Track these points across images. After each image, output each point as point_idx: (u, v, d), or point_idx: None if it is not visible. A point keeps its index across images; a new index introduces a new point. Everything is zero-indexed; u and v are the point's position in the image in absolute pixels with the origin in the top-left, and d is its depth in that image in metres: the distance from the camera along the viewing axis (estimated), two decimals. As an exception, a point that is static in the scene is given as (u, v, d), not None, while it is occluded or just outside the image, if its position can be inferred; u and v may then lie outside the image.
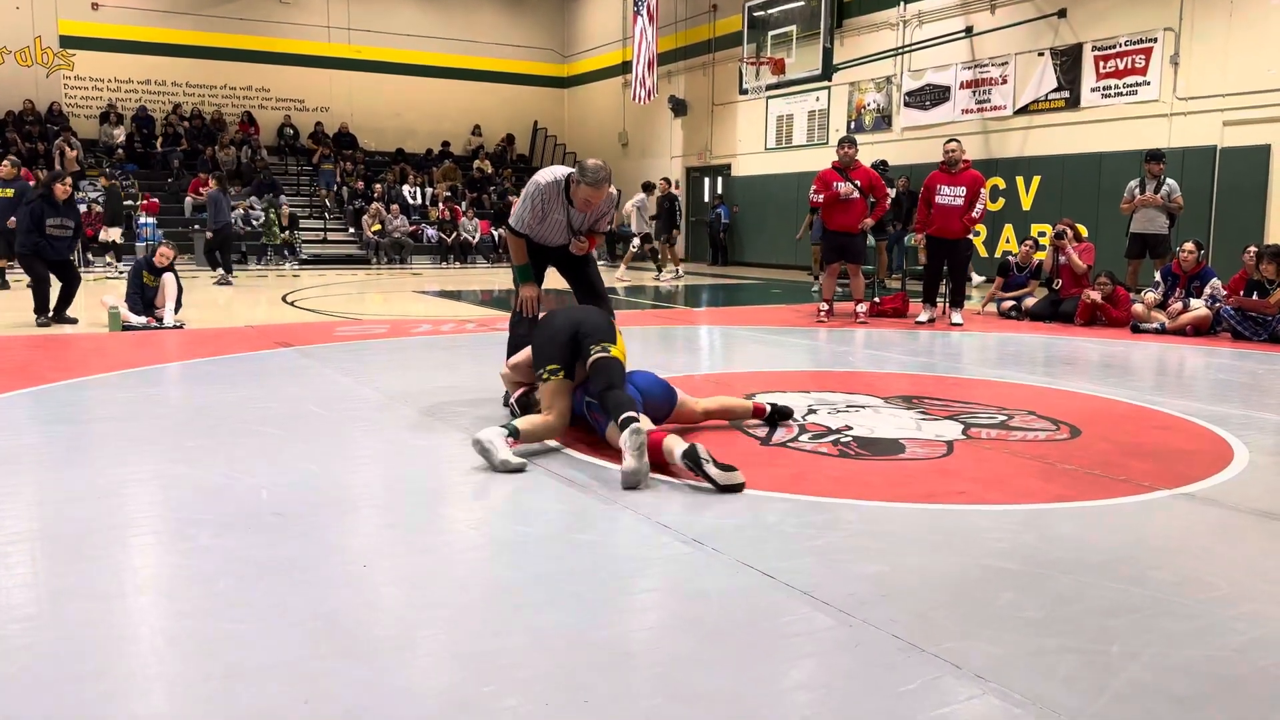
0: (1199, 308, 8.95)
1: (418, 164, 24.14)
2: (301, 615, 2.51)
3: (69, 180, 9.32)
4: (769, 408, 4.79)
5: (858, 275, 10.08)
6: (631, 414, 3.84)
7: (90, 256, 16.96)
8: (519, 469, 3.88)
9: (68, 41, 21.89)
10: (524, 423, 4.14)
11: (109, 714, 2.03)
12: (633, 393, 4.21)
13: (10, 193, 11.09)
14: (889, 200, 10.00)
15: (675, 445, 3.78)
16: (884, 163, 15.50)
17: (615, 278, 15.64)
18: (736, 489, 3.63)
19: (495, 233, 21.67)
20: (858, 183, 9.63)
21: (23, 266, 9.16)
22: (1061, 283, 10.10)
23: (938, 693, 2.13)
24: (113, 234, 17.01)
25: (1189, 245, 9.27)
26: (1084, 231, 10.96)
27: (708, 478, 3.64)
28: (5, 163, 11.51)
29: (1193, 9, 12.99)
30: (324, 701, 2.07)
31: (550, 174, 5.15)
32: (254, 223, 19.83)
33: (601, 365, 4.15)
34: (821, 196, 9.74)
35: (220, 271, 14.67)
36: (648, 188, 17.43)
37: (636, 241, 16.98)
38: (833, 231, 9.80)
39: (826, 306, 9.92)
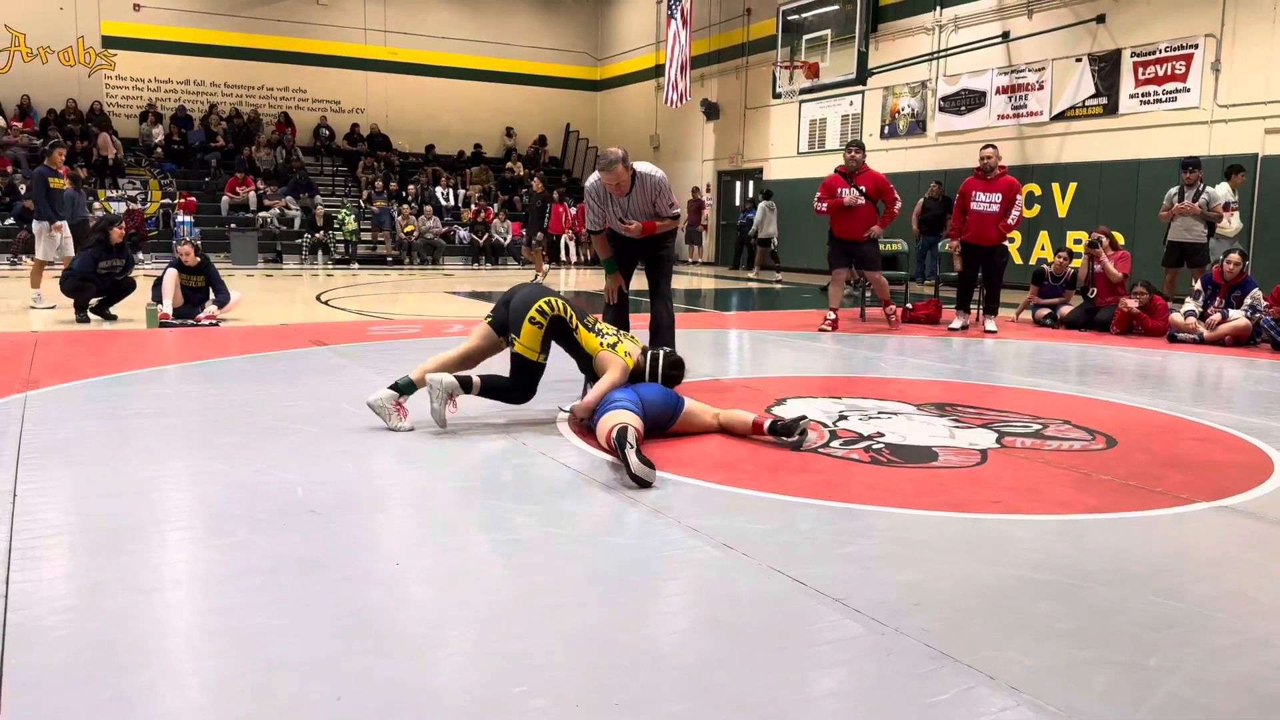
0: (1238, 318, 8.82)
1: (450, 166, 24.29)
2: (335, 612, 2.53)
3: (124, 224, 9.53)
4: (768, 424, 4.47)
5: (880, 280, 9.69)
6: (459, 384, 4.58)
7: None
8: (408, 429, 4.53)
9: (110, 42, 22.25)
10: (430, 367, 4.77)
11: (147, 706, 2.06)
12: (631, 398, 4.37)
13: (63, 183, 11.09)
14: (898, 206, 9.58)
15: (618, 425, 3.95)
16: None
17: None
18: (641, 484, 3.69)
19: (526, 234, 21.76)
20: (863, 188, 9.25)
21: (67, 293, 9.22)
22: (1097, 291, 9.99)
23: (971, 703, 2.11)
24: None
25: (1234, 255, 9.11)
26: (1120, 239, 10.84)
27: (625, 461, 3.73)
28: (59, 153, 11.32)
29: (1235, 15, 12.81)
30: (357, 698, 2.09)
31: (594, 176, 5.79)
32: (289, 223, 20.03)
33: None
34: (825, 205, 9.40)
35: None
36: (768, 194, 18.17)
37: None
38: (839, 239, 9.45)
39: (833, 316, 9.51)
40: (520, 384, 4.78)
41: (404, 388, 4.67)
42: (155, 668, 2.24)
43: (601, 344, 4.75)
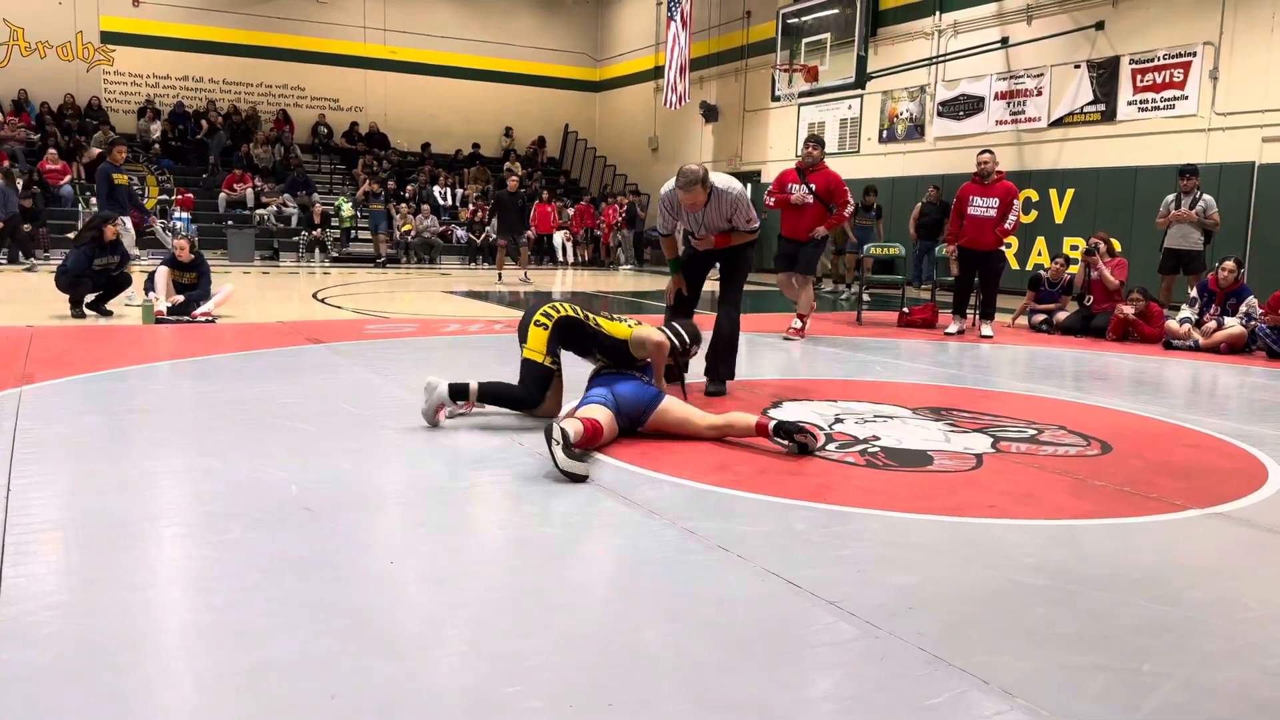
0: (1234, 325, 8.84)
1: (448, 165, 24.28)
2: (330, 611, 2.53)
3: (118, 222, 9.54)
4: (772, 424, 4.39)
5: (805, 287, 9.01)
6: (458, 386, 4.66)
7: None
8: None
9: (108, 37, 22.20)
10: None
11: (141, 704, 2.05)
12: (605, 395, 4.49)
13: (126, 179, 11.03)
14: (849, 210, 9.18)
15: (566, 421, 4.04)
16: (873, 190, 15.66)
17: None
18: (573, 478, 3.74)
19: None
20: (812, 186, 8.80)
21: (62, 289, 9.19)
22: (1093, 298, 10.01)
23: (965, 707, 2.12)
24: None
25: (1229, 263, 9.14)
26: (1117, 246, 10.86)
27: (551, 456, 3.79)
28: (120, 150, 11.16)
29: (1234, 24, 12.84)
30: (351, 697, 2.08)
31: (670, 183, 5.79)
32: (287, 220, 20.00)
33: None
34: (774, 200, 8.99)
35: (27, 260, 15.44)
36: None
37: None
38: (782, 238, 8.99)
39: (799, 325, 8.95)
40: (528, 390, 4.78)
41: (457, 393, 4.74)
42: (149, 665, 2.24)
43: (630, 326, 4.83)
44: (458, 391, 4.70)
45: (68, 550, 2.95)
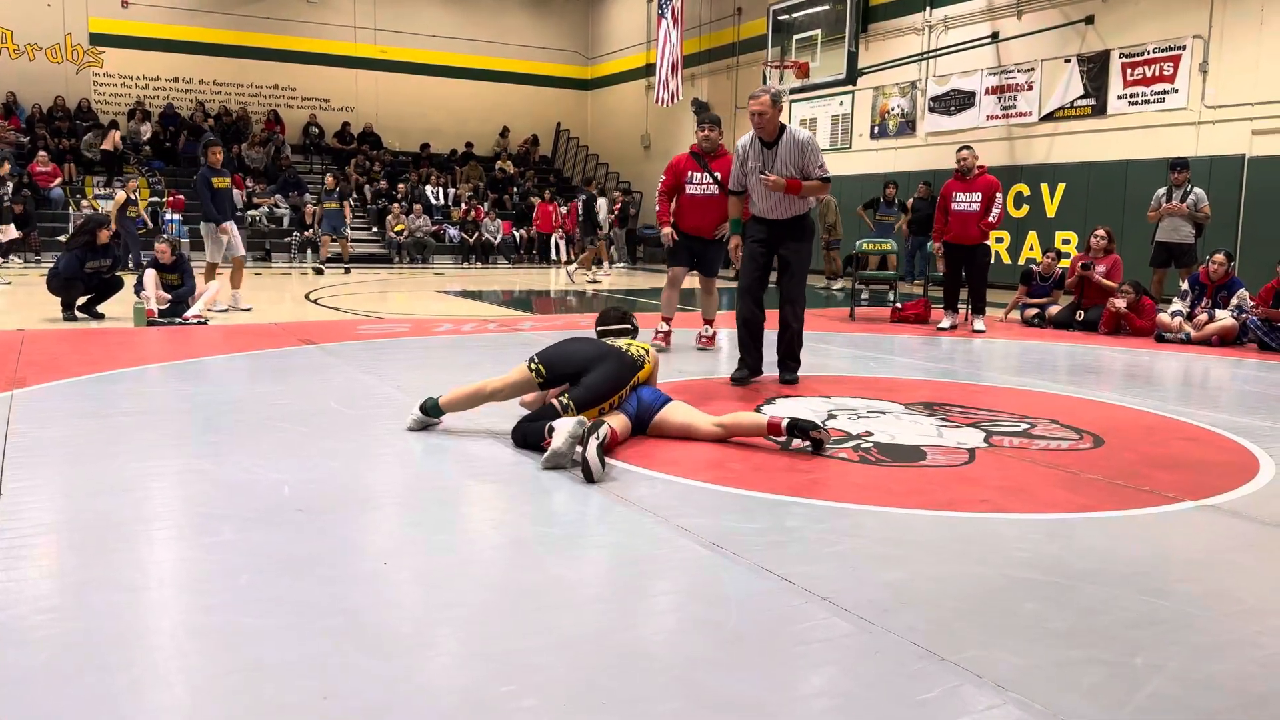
0: (1225, 318, 8.86)
1: (441, 164, 24.25)
2: (323, 611, 2.52)
3: (112, 226, 9.33)
4: (785, 422, 4.32)
5: (711, 292, 7.95)
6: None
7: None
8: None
9: (98, 39, 22.13)
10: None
11: (132, 706, 2.05)
12: (632, 400, 4.51)
13: (226, 182, 10.45)
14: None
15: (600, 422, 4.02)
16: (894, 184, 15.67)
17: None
18: (586, 473, 3.74)
19: (516, 233, 21.76)
20: (717, 175, 7.35)
21: (54, 292, 9.15)
22: (1086, 295, 10.02)
23: (958, 701, 2.12)
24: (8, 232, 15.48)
25: (1219, 256, 9.17)
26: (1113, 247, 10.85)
27: (584, 444, 3.80)
28: (216, 151, 10.42)
29: (1223, 17, 12.88)
30: (344, 698, 2.08)
31: (748, 135, 5.93)
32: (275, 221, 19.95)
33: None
34: (665, 198, 7.70)
35: None
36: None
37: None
38: (683, 233, 7.64)
39: (665, 328, 7.79)
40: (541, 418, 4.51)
41: (430, 410, 4.62)
42: (140, 667, 2.23)
43: (647, 361, 4.62)
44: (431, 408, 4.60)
45: (59, 553, 2.94)
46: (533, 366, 4.49)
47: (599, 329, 4.95)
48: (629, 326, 4.97)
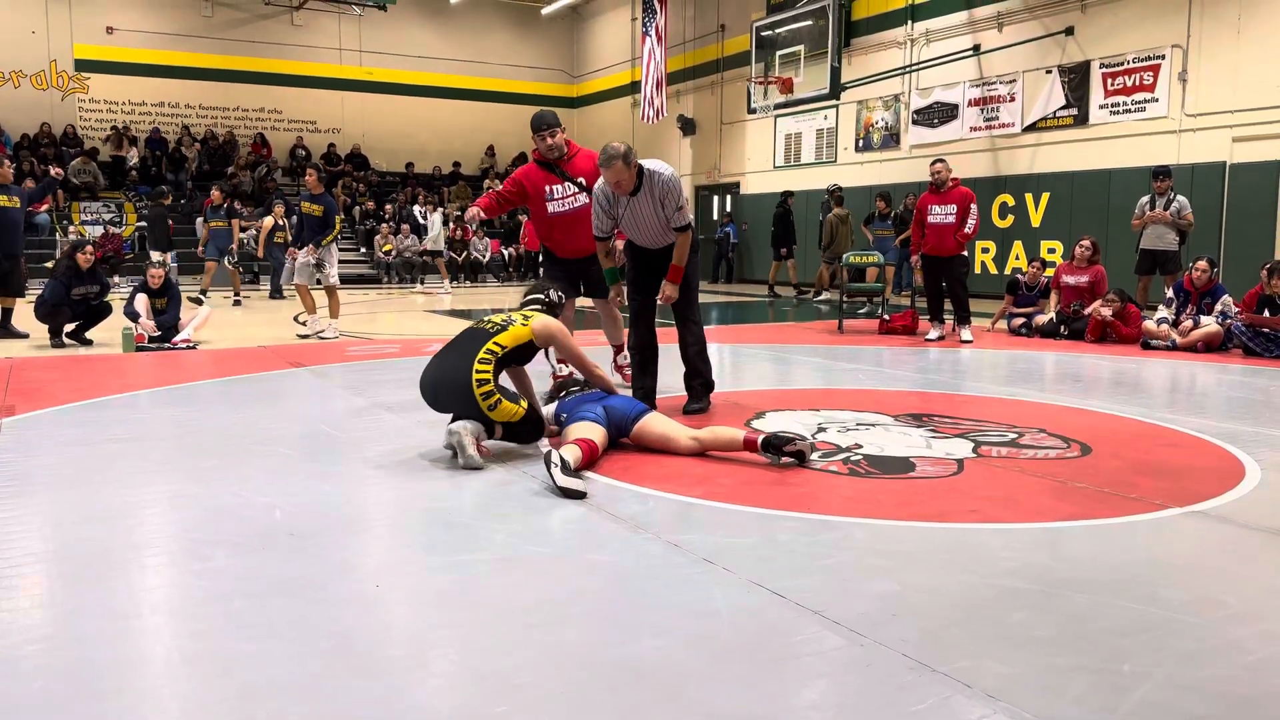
0: (1210, 324, 8.93)
1: (428, 184, 24.29)
2: (315, 634, 2.53)
3: (89, 249, 9.27)
4: (761, 438, 4.33)
5: (613, 319, 6.65)
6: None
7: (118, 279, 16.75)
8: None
9: (82, 65, 22.14)
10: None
11: (125, 733, 2.05)
12: (597, 411, 4.55)
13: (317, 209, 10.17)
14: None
15: (565, 449, 4.07)
16: (837, 187, 15.79)
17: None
18: (570, 494, 3.79)
19: (505, 252, 21.77)
20: (582, 181, 6.16)
21: (41, 319, 9.12)
22: (1064, 299, 10.09)
23: (949, 712, 2.13)
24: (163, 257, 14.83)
25: (1202, 263, 9.24)
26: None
27: (550, 477, 3.85)
28: (311, 174, 10.26)
29: (1200, 26, 13.02)
30: (338, 719, 2.08)
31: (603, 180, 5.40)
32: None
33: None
34: (503, 194, 6.46)
35: None
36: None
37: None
38: (559, 259, 6.43)
39: (624, 359, 6.61)
40: (527, 429, 4.62)
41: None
42: (133, 694, 2.23)
43: (520, 324, 4.76)
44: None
45: (50, 581, 2.93)
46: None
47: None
48: (539, 297, 5.14)
